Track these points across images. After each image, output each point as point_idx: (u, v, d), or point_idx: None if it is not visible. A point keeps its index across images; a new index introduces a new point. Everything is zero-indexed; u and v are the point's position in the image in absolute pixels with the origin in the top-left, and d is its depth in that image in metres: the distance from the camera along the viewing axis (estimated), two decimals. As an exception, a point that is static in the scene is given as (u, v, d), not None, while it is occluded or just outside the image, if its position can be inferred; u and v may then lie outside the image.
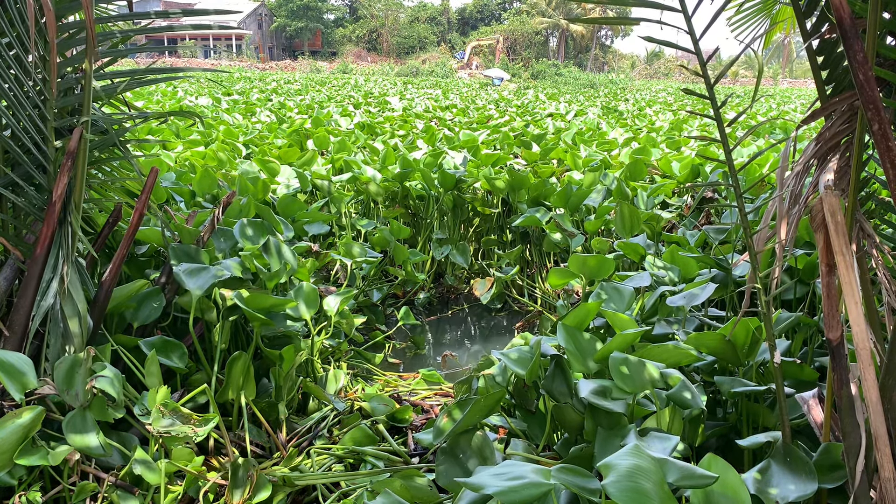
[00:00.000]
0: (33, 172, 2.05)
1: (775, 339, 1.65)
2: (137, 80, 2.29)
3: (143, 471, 1.74)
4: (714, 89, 1.47)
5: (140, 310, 2.29)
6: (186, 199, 3.66)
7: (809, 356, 2.19)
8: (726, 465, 1.36)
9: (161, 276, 2.47)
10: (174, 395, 2.18)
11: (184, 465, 1.87)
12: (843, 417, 1.43)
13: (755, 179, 4.29)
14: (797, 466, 1.49)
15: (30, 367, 1.74)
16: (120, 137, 2.23)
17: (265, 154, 5.47)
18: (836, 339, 1.41)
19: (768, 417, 1.80)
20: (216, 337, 2.31)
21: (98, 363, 1.87)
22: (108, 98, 2.29)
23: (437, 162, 5.00)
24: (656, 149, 6.21)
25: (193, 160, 4.65)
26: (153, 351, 2.05)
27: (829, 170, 1.47)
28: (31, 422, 1.64)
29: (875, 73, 1.30)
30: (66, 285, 1.98)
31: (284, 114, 10.01)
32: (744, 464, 1.71)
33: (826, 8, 1.52)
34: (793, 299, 2.60)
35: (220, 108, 10.05)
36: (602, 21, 1.45)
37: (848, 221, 1.42)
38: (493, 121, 10.49)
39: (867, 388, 1.30)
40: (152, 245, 2.73)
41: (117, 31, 2.36)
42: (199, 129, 6.43)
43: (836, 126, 1.49)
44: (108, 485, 1.81)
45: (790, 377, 1.89)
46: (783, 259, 1.48)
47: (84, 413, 1.76)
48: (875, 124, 1.25)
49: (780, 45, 9.19)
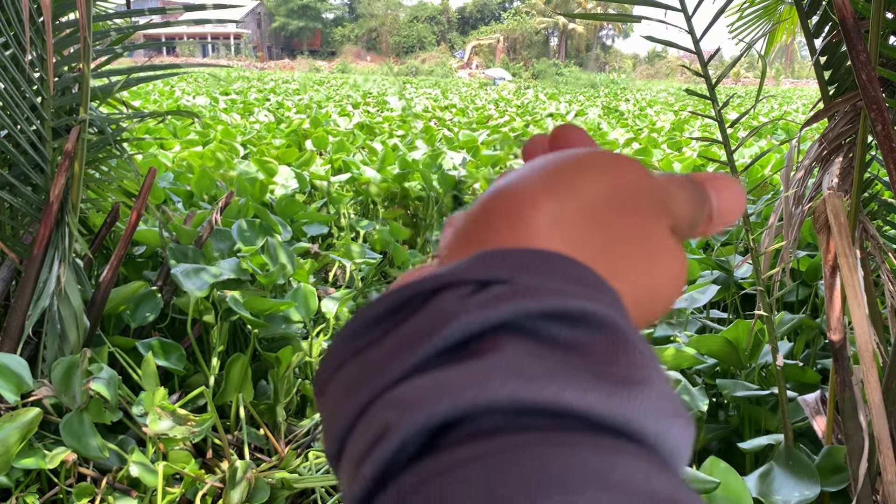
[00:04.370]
0: (30, 173, 2.04)
1: (777, 341, 1.64)
2: (135, 78, 2.28)
3: (140, 473, 1.73)
4: (715, 90, 1.46)
5: (137, 311, 2.28)
6: (184, 199, 3.65)
7: (812, 358, 2.18)
8: (728, 468, 1.36)
9: (159, 277, 2.45)
10: (172, 397, 2.17)
11: (181, 468, 1.86)
12: (846, 420, 1.42)
13: (757, 181, 4.28)
14: (799, 470, 1.49)
15: (26, 368, 1.73)
16: (117, 137, 2.22)
17: (263, 154, 5.46)
18: (838, 341, 1.40)
19: (770, 420, 1.79)
20: (214, 338, 2.30)
21: (95, 365, 1.86)
22: (105, 97, 2.27)
23: (436, 162, 4.99)
24: (657, 149, 6.21)
25: (191, 160, 4.63)
26: (150, 353, 2.04)
27: (833, 171, 1.46)
28: (29, 424, 1.62)
29: (878, 73, 1.29)
30: (62, 286, 1.97)
31: (283, 114, 9.99)
32: (745, 467, 1.70)
33: (829, 8, 1.51)
34: (795, 301, 2.59)
35: (218, 108, 10.03)
36: (602, 18, 1.44)
37: (851, 223, 1.41)
38: (493, 121, 10.48)
39: (870, 391, 1.29)
40: (150, 246, 2.72)
41: (115, 30, 2.35)
42: (197, 128, 6.42)
43: (839, 127, 1.48)
44: (105, 487, 1.80)
45: (792, 380, 1.88)
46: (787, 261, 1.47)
47: (81, 415, 1.75)
48: (878, 125, 1.24)
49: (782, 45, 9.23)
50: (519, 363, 0.19)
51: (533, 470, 0.17)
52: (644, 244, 0.25)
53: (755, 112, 13.11)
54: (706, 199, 0.28)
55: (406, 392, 0.19)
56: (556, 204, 0.24)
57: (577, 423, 0.19)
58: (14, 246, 2.06)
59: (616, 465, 0.18)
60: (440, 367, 0.20)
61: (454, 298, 0.21)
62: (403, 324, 0.21)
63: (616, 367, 0.19)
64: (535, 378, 0.19)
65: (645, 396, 0.19)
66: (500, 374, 0.19)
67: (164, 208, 2.94)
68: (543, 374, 0.19)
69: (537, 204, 0.24)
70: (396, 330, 0.21)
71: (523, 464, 0.17)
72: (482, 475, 0.17)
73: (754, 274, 1.47)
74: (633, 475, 0.18)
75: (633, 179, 0.26)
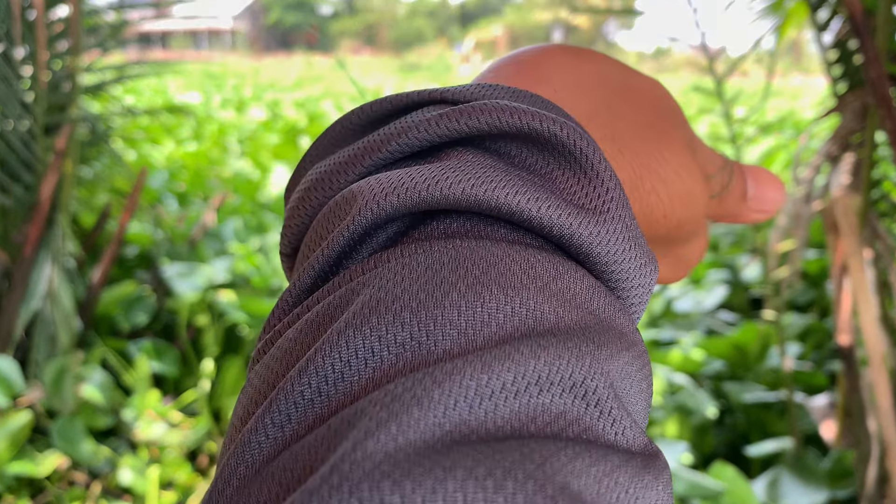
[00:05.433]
0: (20, 171, 2.00)
1: (786, 343, 1.62)
2: (128, 74, 2.24)
3: (132, 479, 1.70)
4: (722, 85, 1.42)
5: (130, 312, 2.24)
6: (178, 198, 3.61)
7: (821, 361, 2.15)
8: (735, 473, 1.35)
9: (151, 278, 2.42)
10: (165, 401, 2.13)
11: (174, 473, 1.83)
12: (855, 425, 1.40)
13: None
14: (807, 474, 1.47)
15: (17, 371, 1.71)
16: (110, 135, 2.18)
17: (259, 151, 5.42)
18: (847, 343, 1.38)
19: (778, 424, 1.76)
20: (208, 341, 2.26)
21: (87, 367, 1.83)
22: (97, 93, 2.24)
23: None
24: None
25: (184, 158, 4.59)
26: (143, 355, 2.01)
27: (842, 170, 1.43)
28: (21, 428, 1.60)
29: (888, 69, 1.25)
30: (54, 287, 1.93)
31: (278, 110, 9.94)
32: (753, 472, 1.68)
33: (838, 1, 1.47)
34: (803, 303, 2.56)
35: (212, 105, 9.98)
36: (606, 12, 1.40)
37: (860, 223, 1.38)
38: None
39: (879, 395, 1.27)
40: (142, 246, 2.68)
41: (107, 25, 2.31)
42: (191, 125, 6.38)
43: (848, 125, 1.45)
44: (96, 493, 1.77)
45: (801, 383, 1.86)
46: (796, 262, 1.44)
47: (73, 419, 1.72)
48: (888, 123, 1.21)
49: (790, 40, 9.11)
50: (486, 171, 0.18)
51: (479, 266, 0.17)
52: (662, 149, 0.24)
53: (763, 109, 13.09)
54: (739, 176, 0.28)
55: (364, 185, 0.19)
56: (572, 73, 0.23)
57: (531, 236, 0.18)
58: (4, 246, 2.02)
59: (561, 275, 0.17)
60: (400, 167, 0.20)
61: (431, 111, 0.20)
62: (381, 130, 0.21)
63: (577, 195, 0.18)
64: (499, 184, 0.18)
65: (605, 226, 0.18)
66: (466, 175, 0.18)
67: (156, 208, 2.91)
68: (507, 183, 0.18)
69: (557, 63, 0.23)
70: (373, 136, 0.21)
71: (472, 261, 0.17)
72: (430, 265, 0.17)
73: (762, 275, 1.44)
74: (576, 287, 0.17)
75: (663, 97, 0.25)
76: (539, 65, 0.24)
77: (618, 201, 0.18)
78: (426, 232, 0.19)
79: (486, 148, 0.20)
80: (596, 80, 0.24)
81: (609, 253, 0.18)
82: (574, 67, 0.24)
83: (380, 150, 0.20)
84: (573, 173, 0.19)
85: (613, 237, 0.18)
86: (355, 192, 0.19)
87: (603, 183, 0.18)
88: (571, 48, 0.24)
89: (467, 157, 0.19)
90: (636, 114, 0.24)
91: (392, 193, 0.18)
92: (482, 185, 0.18)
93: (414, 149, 0.20)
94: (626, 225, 0.18)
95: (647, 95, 0.25)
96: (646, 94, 0.25)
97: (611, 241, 0.18)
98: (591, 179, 0.18)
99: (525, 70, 0.23)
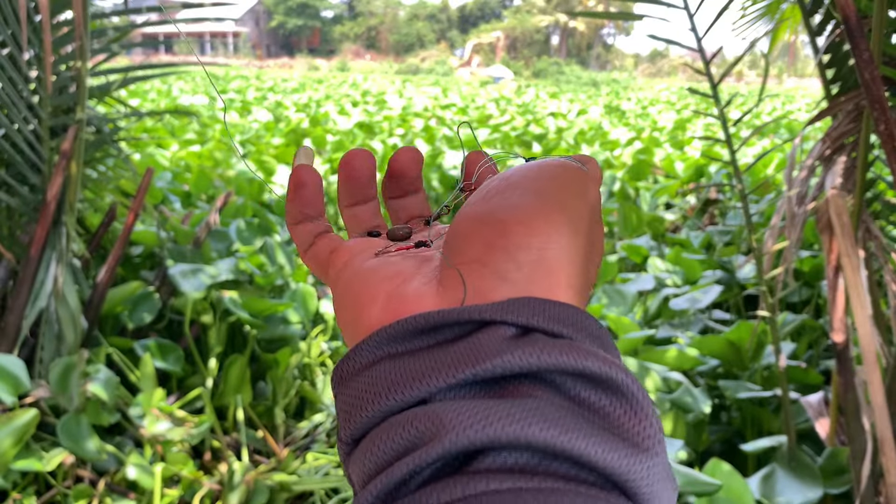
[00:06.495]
0: (27, 173, 2.03)
1: (780, 342, 1.63)
2: (133, 77, 2.26)
3: (138, 475, 1.72)
4: (717, 89, 1.44)
5: (135, 312, 2.26)
6: (182, 199, 3.63)
7: (815, 359, 2.17)
8: (731, 470, 1.35)
9: (156, 277, 2.44)
10: (169, 399, 2.16)
11: (179, 470, 1.85)
12: (849, 422, 1.41)
13: (760, 180, 4.26)
14: (802, 471, 1.48)
15: (23, 369, 1.72)
16: (115, 136, 2.20)
17: (262, 153, 5.44)
18: (841, 342, 1.39)
19: (773, 422, 1.78)
20: (212, 339, 2.28)
21: (93, 366, 1.85)
22: (102, 96, 2.26)
23: (436, 162, 4.97)
24: (660, 148, 6.19)
25: (189, 160, 4.62)
26: (148, 353, 2.03)
27: (836, 171, 1.44)
28: (26, 425, 1.61)
29: (881, 71, 1.27)
30: (60, 287, 1.95)
31: (281, 112, 9.96)
32: (748, 469, 1.69)
33: (831, 6, 1.49)
34: (798, 302, 2.57)
35: (216, 107, 10.01)
36: (604, 16, 1.43)
37: (854, 223, 1.40)
38: (494, 119, 10.45)
39: (873, 392, 1.28)
40: (147, 246, 2.71)
41: (112, 28, 2.33)
42: (195, 127, 6.40)
43: (842, 126, 1.47)
44: (103, 489, 1.79)
45: (795, 381, 1.87)
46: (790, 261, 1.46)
47: (79, 416, 1.73)
48: (881, 124, 1.22)
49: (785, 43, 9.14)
50: (554, 412, 0.21)
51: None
52: (597, 237, 0.29)
53: (758, 111, 13.09)
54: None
55: (447, 411, 0.21)
56: (567, 235, 0.26)
57: (592, 475, 0.21)
58: (11, 246, 2.05)
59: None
60: (478, 398, 0.22)
61: (498, 337, 0.22)
62: (448, 345, 0.23)
63: (630, 432, 0.22)
64: (566, 427, 0.21)
65: (652, 462, 0.22)
66: (538, 417, 0.21)
67: (161, 208, 2.93)
68: (573, 426, 0.21)
69: (555, 228, 0.25)
70: (440, 349, 0.23)
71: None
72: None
73: (757, 274, 1.46)
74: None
75: (593, 191, 0.29)
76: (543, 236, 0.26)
77: (659, 437, 0.22)
78: (499, 462, 0.21)
79: (550, 382, 0.22)
80: (578, 223, 0.27)
81: (653, 493, 0.22)
82: (565, 229, 0.26)
83: (457, 373, 0.22)
84: (624, 411, 0.22)
85: (656, 478, 0.22)
86: (443, 420, 0.21)
87: (647, 416, 0.22)
88: (543, 198, 0.26)
89: (541, 395, 0.22)
90: (597, 228, 0.28)
91: (480, 429, 0.20)
92: (553, 429, 0.20)
93: (487, 378, 0.22)
94: (663, 461, 0.22)
95: (592, 200, 0.28)
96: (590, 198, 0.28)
97: (654, 483, 0.22)
98: (637, 414, 0.22)
99: (534, 258, 0.25)
